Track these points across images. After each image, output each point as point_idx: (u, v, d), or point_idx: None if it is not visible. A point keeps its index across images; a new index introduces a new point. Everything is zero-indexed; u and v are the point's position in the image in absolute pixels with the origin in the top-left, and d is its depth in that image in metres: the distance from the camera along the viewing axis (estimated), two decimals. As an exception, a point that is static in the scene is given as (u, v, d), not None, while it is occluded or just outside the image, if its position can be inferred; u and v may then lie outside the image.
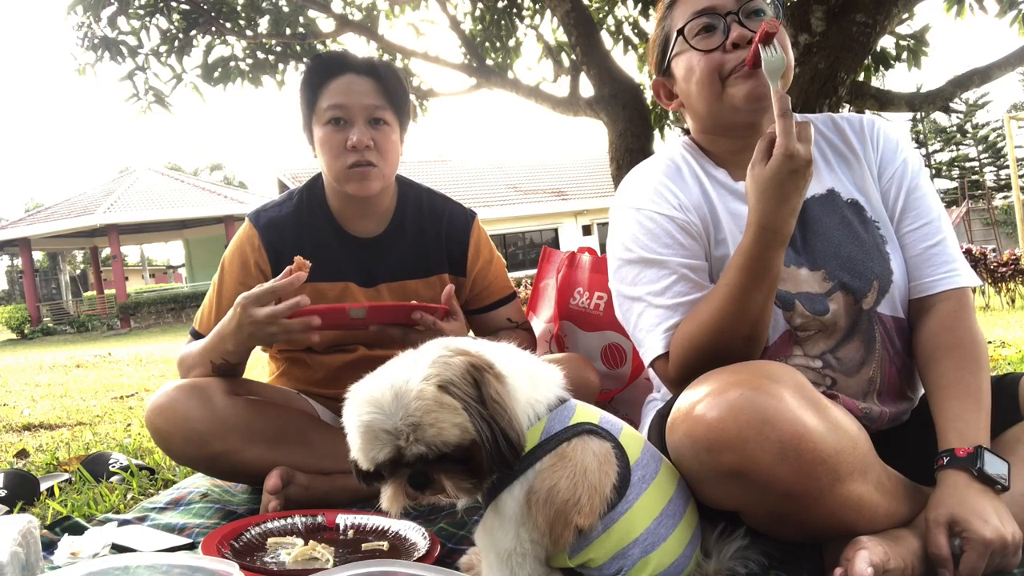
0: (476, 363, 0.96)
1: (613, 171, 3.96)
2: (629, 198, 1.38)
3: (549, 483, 0.99)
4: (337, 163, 1.71)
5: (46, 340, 19.85)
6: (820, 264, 1.28)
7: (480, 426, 0.92)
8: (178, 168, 48.01)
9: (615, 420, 1.11)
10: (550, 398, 1.06)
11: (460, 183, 23.22)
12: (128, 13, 4.19)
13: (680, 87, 1.37)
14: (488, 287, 1.92)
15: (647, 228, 1.31)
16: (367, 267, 1.82)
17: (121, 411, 3.95)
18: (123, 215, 22.22)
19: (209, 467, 1.68)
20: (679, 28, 1.32)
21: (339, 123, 1.70)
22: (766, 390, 1.00)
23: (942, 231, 1.31)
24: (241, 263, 1.79)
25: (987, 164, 39.17)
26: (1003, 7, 4.02)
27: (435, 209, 1.90)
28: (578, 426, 1.04)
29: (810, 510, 1.02)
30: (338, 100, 1.70)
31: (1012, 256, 8.53)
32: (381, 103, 1.72)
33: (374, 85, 1.72)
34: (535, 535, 0.99)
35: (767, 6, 1.29)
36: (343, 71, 1.72)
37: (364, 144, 1.68)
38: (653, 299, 1.28)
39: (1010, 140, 12.85)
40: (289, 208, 1.83)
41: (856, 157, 1.37)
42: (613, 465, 1.02)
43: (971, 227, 22.21)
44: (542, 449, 1.01)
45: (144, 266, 46.26)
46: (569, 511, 0.98)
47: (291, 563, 1.26)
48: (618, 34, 4.71)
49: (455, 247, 1.88)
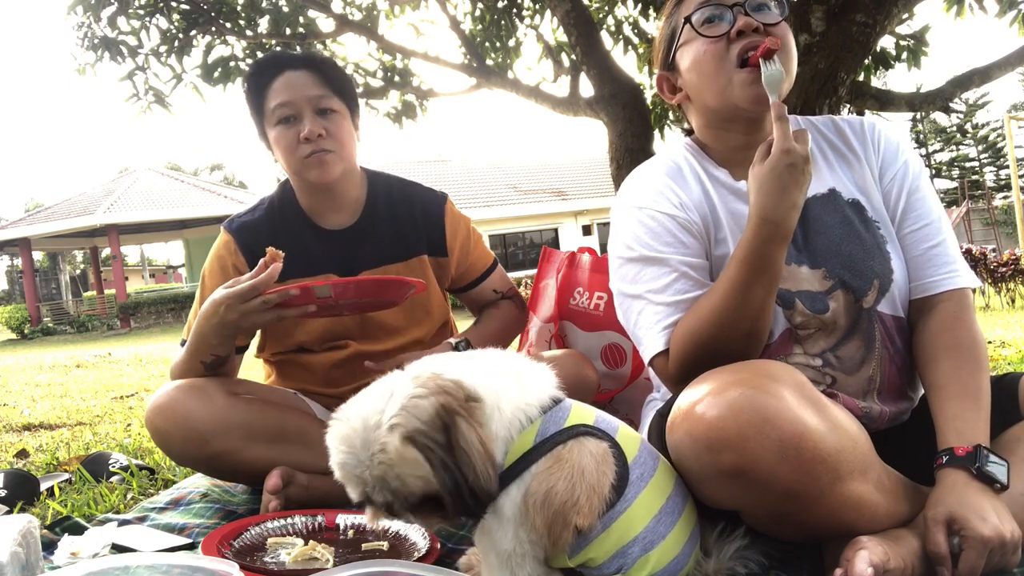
0: (447, 405, 0.94)
1: (613, 171, 3.96)
2: (630, 197, 1.38)
3: (546, 485, 0.99)
4: (294, 157, 1.73)
5: (46, 340, 19.84)
6: (821, 262, 1.29)
7: (444, 478, 0.92)
8: (178, 168, 47.99)
9: (611, 419, 1.11)
10: (543, 400, 1.06)
11: (460, 183, 23.21)
12: (128, 13, 4.19)
13: (685, 79, 1.37)
14: (472, 262, 1.96)
15: (648, 226, 1.31)
16: (345, 258, 1.84)
17: (121, 411, 3.95)
18: (123, 215, 22.21)
19: (209, 467, 1.68)
20: (686, 16, 1.33)
21: (289, 120, 1.72)
22: (766, 389, 1.00)
23: (942, 232, 1.32)
24: (220, 268, 1.81)
25: (987, 164, 39.19)
26: (1003, 7, 4.02)
27: (406, 194, 1.92)
28: (573, 428, 1.04)
29: (810, 509, 1.02)
30: (283, 98, 1.72)
31: (1012, 256, 8.54)
32: (325, 92, 1.74)
33: (314, 77, 1.74)
34: (533, 536, 0.99)
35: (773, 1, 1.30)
36: (281, 69, 1.74)
37: (316, 133, 1.70)
38: (653, 296, 1.28)
39: (1010, 140, 12.85)
40: (261, 212, 1.87)
41: (857, 158, 1.37)
42: (611, 465, 1.02)
43: (971, 227, 22.21)
44: (537, 452, 1.01)
45: (144, 266, 46.26)
46: (567, 512, 0.98)
47: (291, 563, 1.26)
48: (618, 34, 4.71)
49: (432, 228, 1.90)
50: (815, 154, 1.38)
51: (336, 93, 1.76)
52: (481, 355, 1.09)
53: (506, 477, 1.00)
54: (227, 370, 1.75)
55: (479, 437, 0.94)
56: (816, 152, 1.38)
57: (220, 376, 1.71)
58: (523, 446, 1.02)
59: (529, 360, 1.12)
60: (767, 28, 1.27)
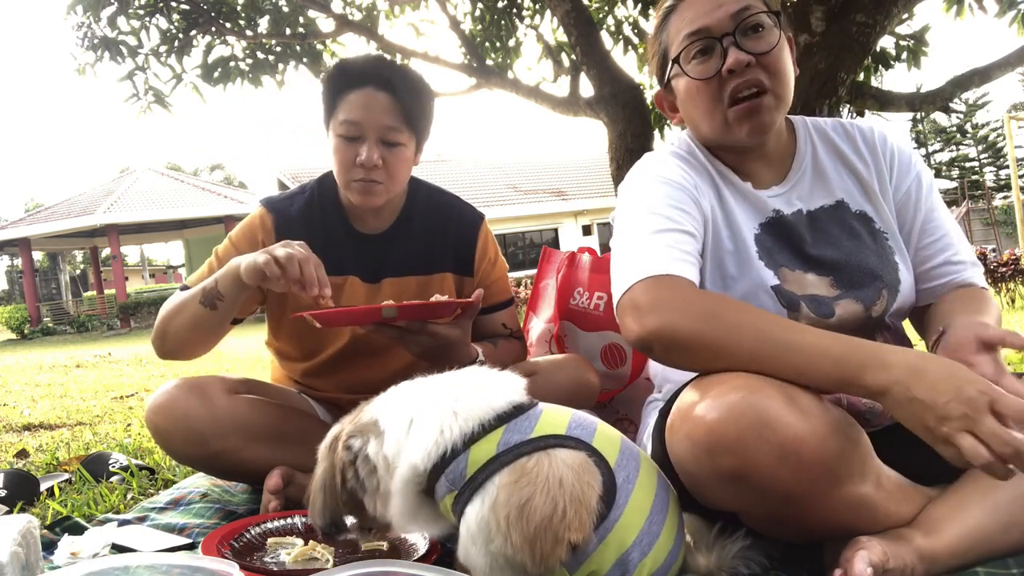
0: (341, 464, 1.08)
1: (613, 171, 3.96)
2: (646, 168, 1.36)
3: (518, 498, 0.95)
4: (345, 175, 1.70)
5: (46, 340, 19.84)
6: (828, 272, 1.29)
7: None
8: (178, 168, 48.03)
9: (587, 422, 1.07)
10: (498, 407, 1.03)
11: (460, 183, 23.19)
12: (128, 13, 4.19)
13: (680, 107, 1.37)
14: (489, 289, 1.89)
15: (664, 192, 1.28)
16: (372, 262, 1.81)
17: (121, 411, 3.95)
18: (123, 215, 22.20)
19: (209, 466, 1.68)
20: (674, 57, 1.31)
21: (350, 139, 1.67)
22: (766, 392, 1.00)
23: (954, 245, 1.34)
24: (250, 238, 1.77)
25: (987, 164, 39.18)
26: (1003, 7, 4.02)
27: (443, 207, 1.89)
28: (539, 440, 1.00)
29: (810, 512, 1.02)
30: (352, 116, 1.66)
31: (1012, 256, 8.54)
32: (396, 123, 1.67)
33: (392, 102, 1.66)
34: (509, 551, 0.95)
35: (766, 15, 1.26)
36: (363, 83, 1.67)
37: (373, 163, 1.65)
38: (651, 240, 1.22)
39: (1010, 140, 12.84)
40: (301, 201, 1.83)
41: (866, 166, 1.37)
42: (594, 473, 0.98)
43: (971, 227, 22.21)
44: (498, 462, 0.98)
45: (144, 266, 46.28)
46: (557, 527, 0.94)
47: (291, 563, 1.26)
48: (618, 34, 4.71)
49: (463, 246, 1.87)
50: (824, 163, 1.37)
51: (407, 123, 1.69)
52: (410, 391, 1.11)
53: (467, 488, 0.99)
54: (219, 318, 1.61)
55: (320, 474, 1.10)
56: (826, 161, 1.37)
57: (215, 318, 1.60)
58: (483, 455, 0.99)
59: (491, 372, 1.11)
60: (760, 59, 1.24)
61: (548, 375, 1.74)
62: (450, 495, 1.02)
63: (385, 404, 1.10)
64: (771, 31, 1.25)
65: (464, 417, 1.02)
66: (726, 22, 1.25)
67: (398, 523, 1.06)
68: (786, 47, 1.29)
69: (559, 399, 1.62)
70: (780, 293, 1.27)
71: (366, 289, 1.80)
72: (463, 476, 1.00)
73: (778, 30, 1.26)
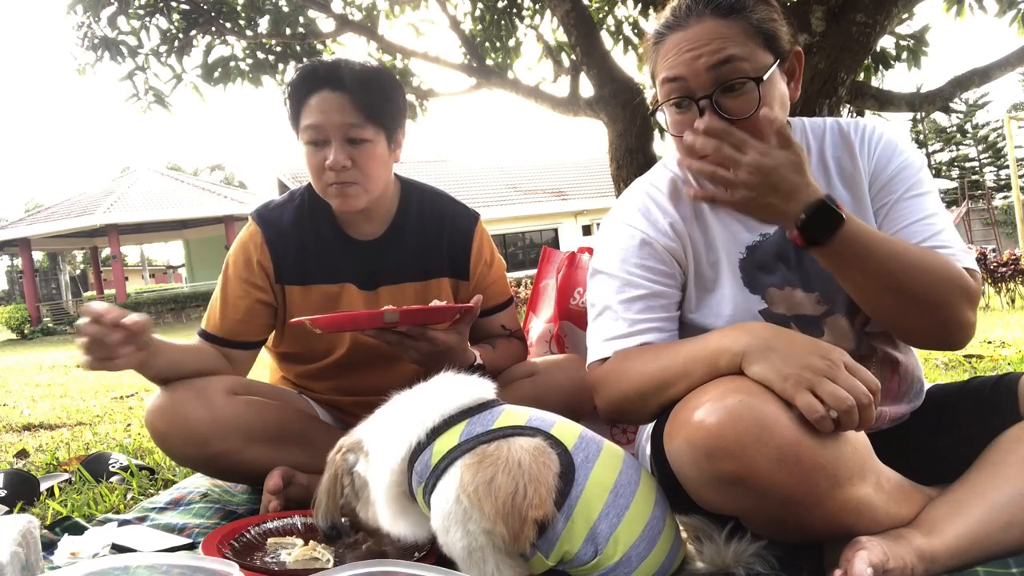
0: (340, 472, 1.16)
1: (613, 171, 3.96)
2: (618, 211, 1.38)
3: (483, 477, 1.00)
4: (319, 182, 1.70)
5: (46, 340, 19.83)
6: (814, 286, 1.28)
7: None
8: (178, 168, 48.06)
9: (547, 417, 1.13)
10: (462, 403, 1.11)
11: (460, 183, 23.19)
12: (128, 13, 4.20)
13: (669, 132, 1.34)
14: (487, 291, 1.86)
15: (626, 245, 1.31)
16: (367, 269, 1.81)
17: (121, 411, 3.95)
18: (123, 215, 22.20)
19: (209, 467, 1.68)
20: (654, 97, 1.28)
21: (317, 143, 1.66)
22: (764, 395, 1.00)
23: (937, 225, 1.24)
24: (245, 261, 1.78)
25: (987, 164, 39.20)
26: (1003, 7, 4.02)
27: (437, 211, 1.87)
28: (499, 431, 1.07)
29: (809, 514, 1.02)
30: (313, 120, 1.65)
31: (1012, 256, 8.54)
32: (357, 120, 1.64)
33: (350, 101, 1.64)
34: (485, 524, 1.00)
35: (747, 64, 1.17)
36: (319, 87, 1.65)
37: (340, 165, 1.64)
38: (618, 308, 1.28)
39: (1010, 140, 12.85)
40: (291, 209, 1.81)
41: (856, 169, 1.32)
42: (550, 455, 1.04)
43: (971, 227, 22.22)
44: (460, 449, 1.05)
45: (144, 266, 46.32)
46: (520, 505, 0.99)
47: (291, 563, 1.26)
48: (618, 34, 4.71)
49: (457, 250, 1.85)
50: (816, 172, 1.31)
51: (371, 119, 1.66)
52: (391, 408, 1.17)
53: (432, 477, 1.05)
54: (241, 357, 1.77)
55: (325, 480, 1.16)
56: (818, 171, 1.32)
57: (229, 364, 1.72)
58: (447, 444, 1.06)
59: (462, 376, 1.19)
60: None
61: (548, 375, 1.74)
62: (420, 487, 1.07)
63: (371, 422, 1.18)
64: (752, 91, 1.18)
65: (427, 412, 1.10)
66: (703, 76, 1.18)
67: (387, 527, 1.13)
68: (769, 109, 1.15)
69: (559, 399, 1.62)
70: (769, 317, 1.27)
71: (363, 296, 1.80)
72: (428, 466, 1.06)
73: (760, 81, 1.18)
